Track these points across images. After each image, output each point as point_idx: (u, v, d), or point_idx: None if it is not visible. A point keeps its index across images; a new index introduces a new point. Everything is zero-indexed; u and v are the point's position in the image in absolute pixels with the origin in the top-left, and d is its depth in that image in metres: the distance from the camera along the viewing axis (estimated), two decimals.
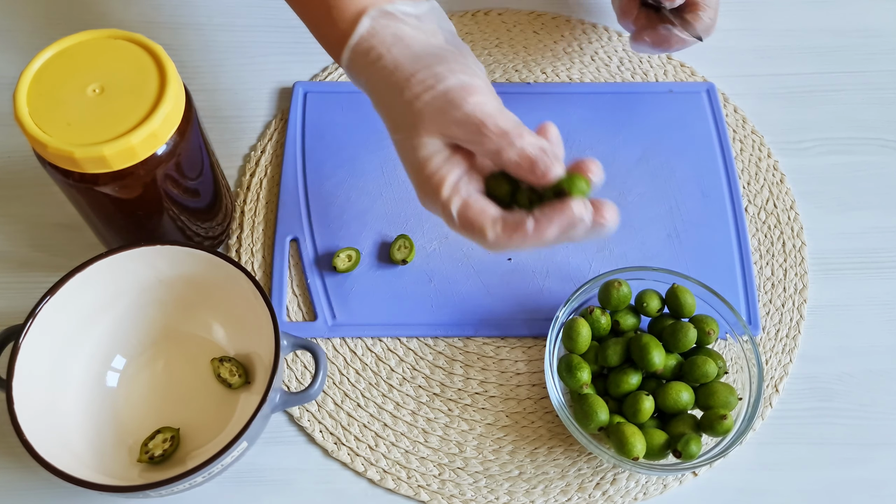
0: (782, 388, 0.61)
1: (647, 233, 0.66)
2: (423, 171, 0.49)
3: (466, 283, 0.64)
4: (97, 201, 0.55)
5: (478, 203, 0.48)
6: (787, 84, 0.74)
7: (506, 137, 0.47)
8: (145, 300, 0.59)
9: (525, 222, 0.47)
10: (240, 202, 0.67)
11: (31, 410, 0.52)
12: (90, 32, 0.54)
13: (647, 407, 0.55)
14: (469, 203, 0.48)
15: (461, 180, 0.49)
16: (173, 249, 0.57)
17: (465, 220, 0.48)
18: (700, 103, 0.72)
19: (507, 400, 0.60)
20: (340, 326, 0.62)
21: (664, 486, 0.57)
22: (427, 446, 0.59)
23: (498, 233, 0.48)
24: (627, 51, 0.75)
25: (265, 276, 0.64)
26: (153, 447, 0.56)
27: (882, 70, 0.75)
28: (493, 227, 0.48)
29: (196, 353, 0.60)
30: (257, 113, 0.72)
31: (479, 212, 0.48)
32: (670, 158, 0.69)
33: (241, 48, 0.75)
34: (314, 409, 0.60)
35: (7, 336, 0.55)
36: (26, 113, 0.50)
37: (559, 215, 0.47)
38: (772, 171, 0.69)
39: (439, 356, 0.62)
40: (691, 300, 0.58)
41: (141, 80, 0.52)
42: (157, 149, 0.52)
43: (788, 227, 0.67)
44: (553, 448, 0.59)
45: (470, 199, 0.49)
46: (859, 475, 0.58)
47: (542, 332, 0.62)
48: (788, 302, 0.63)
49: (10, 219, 0.67)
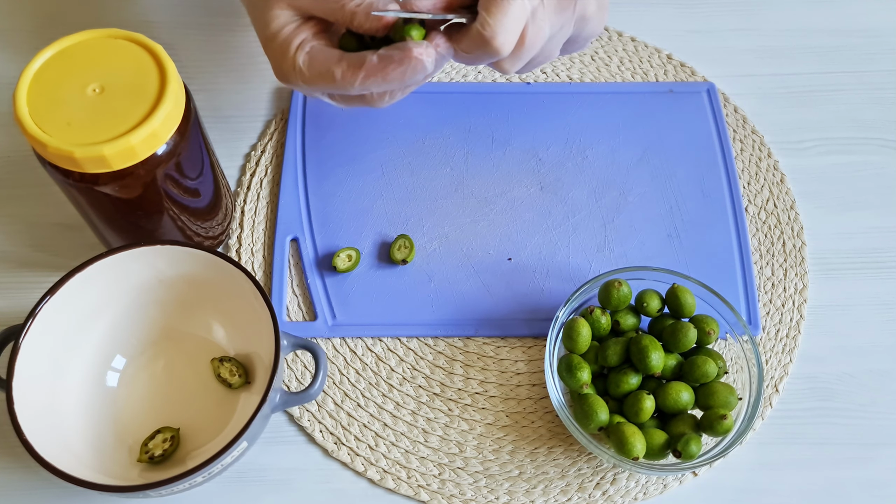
0: (782, 388, 0.61)
1: (647, 233, 0.66)
2: (275, 42, 0.52)
3: (466, 283, 0.64)
4: (97, 201, 0.55)
5: (322, 51, 0.51)
6: (787, 84, 0.74)
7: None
8: (145, 300, 0.59)
9: (368, 57, 0.50)
10: (240, 202, 0.67)
11: (31, 410, 0.52)
12: (90, 32, 0.54)
13: (648, 406, 0.55)
14: (313, 52, 0.51)
15: (306, 39, 0.52)
16: (173, 249, 0.57)
17: (313, 69, 0.51)
18: (700, 103, 0.72)
19: (507, 400, 0.60)
20: (340, 326, 0.62)
21: (664, 486, 0.57)
22: (427, 446, 0.59)
23: (344, 69, 0.50)
24: (627, 51, 0.75)
25: (265, 276, 0.64)
26: (153, 447, 0.56)
27: (882, 70, 0.75)
28: (338, 66, 0.50)
29: (196, 353, 0.60)
30: (257, 113, 0.72)
31: (325, 58, 0.51)
32: (670, 158, 0.69)
33: (241, 48, 0.75)
34: (314, 409, 0.60)
35: (7, 336, 0.55)
36: (26, 113, 0.50)
37: (399, 52, 0.50)
38: (772, 171, 0.69)
39: (439, 356, 0.62)
40: (691, 300, 0.58)
41: (141, 80, 0.52)
42: (158, 149, 0.52)
43: (788, 227, 0.67)
44: (553, 448, 0.59)
45: (315, 48, 0.51)
46: (859, 475, 0.58)
47: (542, 332, 0.62)
48: (788, 302, 0.64)
49: (10, 219, 0.67)
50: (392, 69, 0.50)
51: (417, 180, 0.68)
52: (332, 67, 0.51)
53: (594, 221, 0.66)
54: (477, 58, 0.52)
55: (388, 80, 0.50)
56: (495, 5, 0.49)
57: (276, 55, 0.53)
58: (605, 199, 0.67)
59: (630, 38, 0.76)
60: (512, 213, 0.66)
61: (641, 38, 0.76)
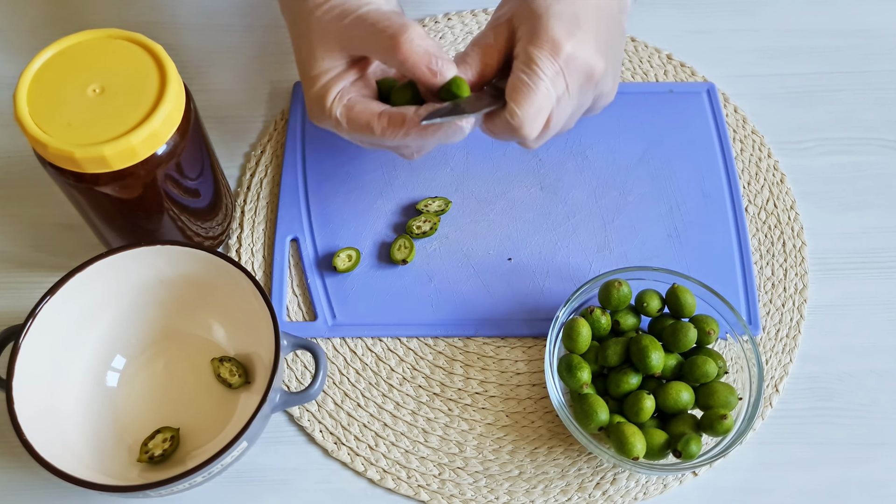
0: (782, 388, 0.61)
1: (647, 233, 0.66)
2: (314, 86, 0.53)
3: (466, 283, 0.64)
4: (97, 201, 0.55)
5: (361, 102, 0.52)
6: (787, 84, 0.74)
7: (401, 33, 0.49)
8: (145, 300, 0.59)
9: (409, 116, 0.51)
10: (240, 202, 0.67)
11: (31, 410, 0.52)
12: (90, 32, 0.54)
13: (648, 406, 0.55)
14: (352, 104, 0.52)
15: (345, 89, 0.52)
16: (173, 249, 0.57)
17: (352, 120, 0.52)
18: (700, 103, 0.72)
19: (507, 400, 0.60)
20: (340, 326, 0.62)
21: (664, 486, 0.57)
22: (427, 446, 0.59)
23: (384, 125, 0.51)
24: (627, 51, 0.75)
25: (265, 276, 0.64)
26: (153, 447, 0.56)
27: (882, 70, 0.75)
28: (378, 121, 0.51)
29: (196, 353, 0.60)
30: (257, 113, 0.72)
31: (363, 109, 0.52)
32: (670, 158, 0.69)
33: (241, 48, 0.75)
34: (314, 408, 0.60)
35: (7, 336, 0.55)
36: (26, 113, 0.50)
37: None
38: (772, 171, 0.69)
39: (439, 356, 0.62)
40: (691, 300, 0.58)
41: (141, 80, 0.52)
42: (158, 149, 0.52)
43: (788, 227, 0.67)
44: (553, 448, 0.59)
45: (353, 99, 0.52)
46: (859, 475, 0.58)
47: (542, 332, 0.62)
48: (788, 302, 0.64)
49: (10, 219, 0.67)
50: (432, 131, 0.51)
51: (417, 180, 0.68)
52: (372, 122, 0.51)
53: (594, 221, 0.66)
54: (506, 139, 0.54)
55: (426, 139, 0.52)
56: (522, 96, 0.51)
57: (312, 100, 0.53)
58: (605, 199, 0.67)
59: (630, 38, 0.76)
60: (512, 213, 0.66)
61: (641, 39, 0.76)
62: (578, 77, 0.52)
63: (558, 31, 0.51)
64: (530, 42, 0.52)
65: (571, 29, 0.51)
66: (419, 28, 0.51)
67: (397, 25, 0.50)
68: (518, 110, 0.51)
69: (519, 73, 0.51)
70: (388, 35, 0.50)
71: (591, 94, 0.55)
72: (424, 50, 0.50)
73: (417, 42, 0.50)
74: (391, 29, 0.50)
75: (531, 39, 0.52)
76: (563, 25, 0.51)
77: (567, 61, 0.51)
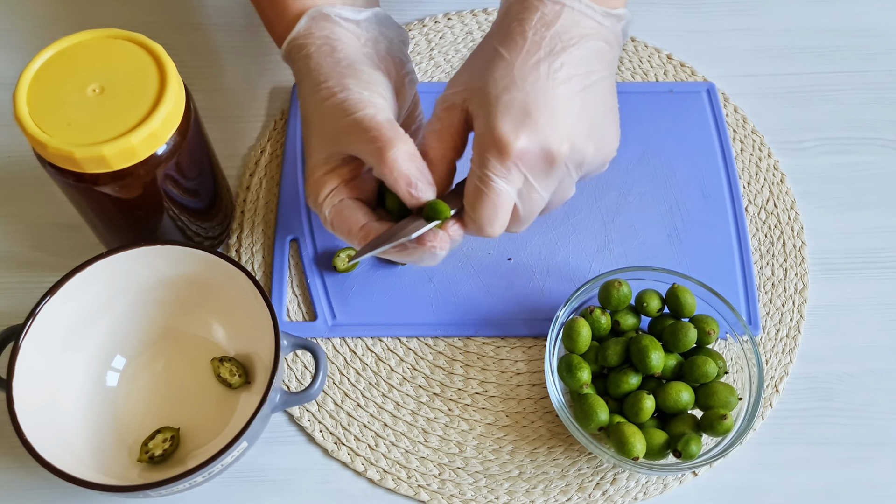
0: (782, 388, 0.61)
1: (647, 233, 0.66)
2: (311, 177, 0.55)
3: (466, 283, 0.64)
4: (97, 201, 0.55)
5: (347, 209, 0.54)
6: (787, 84, 0.74)
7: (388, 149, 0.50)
8: (145, 300, 0.59)
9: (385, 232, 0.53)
10: (240, 202, 0.67)
11: (31, 410, 0.52)
12: (90, 32, 0.54)
13: (648, 406, 0.55)
14: (341, 208, 0.54)
15: (338, 188, 0.54)
16: (173, 249, 0.57)
17: (337, 224, 0.54)
18: (700, 103, 0.72)
19: (507, 400, 0.60)
20: (340, 326, 0.62)
21: (664, 486, 0.57)
22: (427, 446, 0.59)
23: (361, 238, 0.53)
24: (627, 51, 0.75)
25: (265, 276, 0.64)
26: (153, 447, 0.56)
27: (882, 70, 0.75)
28: (358, 234, 0.53)
29: (196, 353, 0.60)
30: (257, 113, 0.72)
31: (349, 216, 0.54)
32: (670, 158, 0.69)
33: (241, 48, 0.75)
34: (314, 409, 0.60)
35: (7, 336, 0.55)
36: (26, 113, 0.50)
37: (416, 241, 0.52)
38: (772, 171, 0.69)
39: (439, 356, 0.62)
40: (691, 300, 0.58)
41: (141, 80, 0.52)
42: (158, 149, 0.52)
43: (788, 227, 0.67)
44: (553, 448, 0.59)
45: (342, 205, 0.54)
46: (859, 475, 0.58)
47: (542, 332, 0.62)
48: (788, 302, 0.63)
49: (10, 219, 0.67)
50: (407, 253, 0.53)
51: None
52: (354, 232, 0.54)
53: (594, 221, 0.66)
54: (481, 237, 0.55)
55: (402, 258, 0.54)
56: (478, 200, 0.52)
57: (308, 188, 0.55)
58: (605, 199, 0.67)
59: (630, 38, 0.76)
60: None
61: (641, 38, 0.76)
62: (538, 166, 0.51)
63: (506, 128, 0.50)
64: (481, 141, 0.51)
65: (521, 121, 0.50)
66: (407, 146, 0.51)
67: (386, 139, 0.50)
68: (473, 213, 0.52)
69: (472, 176, 0.52)
70: (377, 147, 0.50)
71: (568, 171, 0.53)
72: (406, 172, 0.51)
73: (401, 162, 0.50)
74: (380, 142, 0.50)
75: (482, 138, 0.51)
76: (511, 120, 0.50)
77: (520, 157, 0.50)
